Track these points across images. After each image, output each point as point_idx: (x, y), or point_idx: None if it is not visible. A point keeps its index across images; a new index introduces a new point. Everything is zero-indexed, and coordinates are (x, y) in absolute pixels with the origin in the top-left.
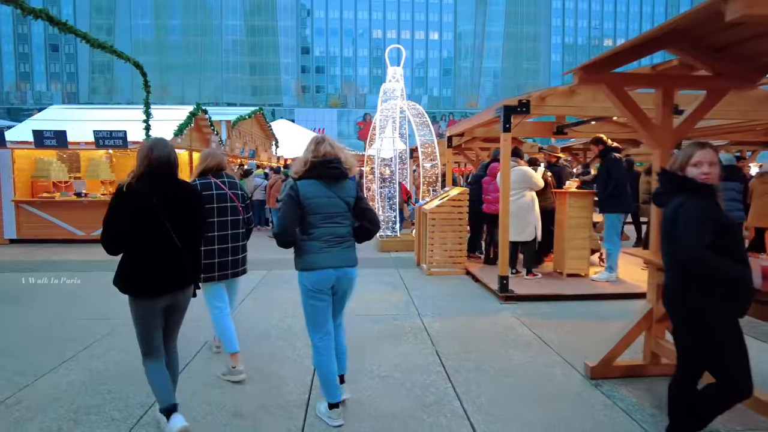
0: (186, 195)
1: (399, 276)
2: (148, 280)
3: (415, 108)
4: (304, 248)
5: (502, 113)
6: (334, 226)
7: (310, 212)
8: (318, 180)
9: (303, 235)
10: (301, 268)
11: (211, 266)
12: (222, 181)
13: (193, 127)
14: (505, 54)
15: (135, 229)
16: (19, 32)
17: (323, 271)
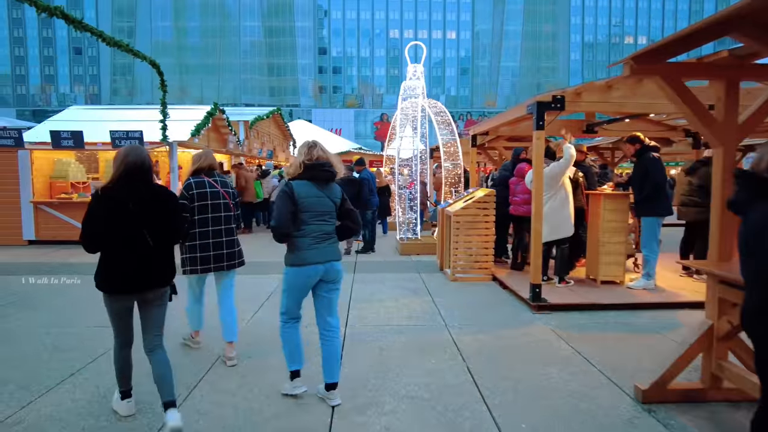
0: (162, 199)
1: (421, 281)
2: (122, 280)
3: (436, 106)
4: (296, 244)
5: (535, 110)
6: (323, 224)
7: (302, 210)
8: (310, 181)
9: (294, 231)
10: (291, 264)
11: (207, 259)
12: (214, 179)
13: (211, 127)
14: (523, 53)
15: (110, 232)
16: (44, 36)
17: (312, 267)
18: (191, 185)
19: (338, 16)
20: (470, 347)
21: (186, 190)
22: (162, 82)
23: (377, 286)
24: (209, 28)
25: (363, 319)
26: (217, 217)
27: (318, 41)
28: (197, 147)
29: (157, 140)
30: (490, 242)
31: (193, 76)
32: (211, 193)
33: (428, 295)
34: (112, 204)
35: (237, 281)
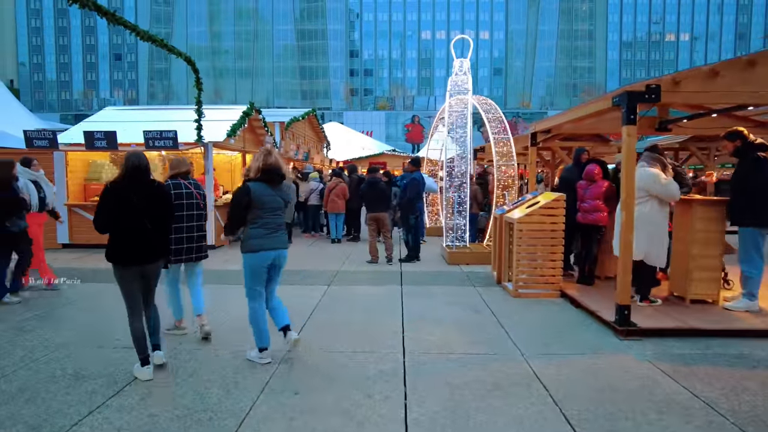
0: (158, 193)
1: (479, 296)
2: (130, 255)
3: (487, 103)
4: (252, 234)
5: (625, 101)
6: (275, 218)
7: (258, 206)
8: (265, 182)
9: (251, 224)
10: (248, 251)
11: (180, 251)
12: (189, 182)
13: (247, 128)
14: (558, 53)
15: (119, 218)
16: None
17: (265, 253)
18: (169, 186)
19: (370, 18)
20: (558, 384)
21: None
22: (197, 80)
23: (430, 302)
24: (243, 33)
25: (421, 343)
26: (190, 214)
27: (349, 44)
28: (233, 148)
29: (192, 141)
30: (558, 254)
31: (227, 79)
32: (186, 194)
33: (491, 314)
34: (119, 197)
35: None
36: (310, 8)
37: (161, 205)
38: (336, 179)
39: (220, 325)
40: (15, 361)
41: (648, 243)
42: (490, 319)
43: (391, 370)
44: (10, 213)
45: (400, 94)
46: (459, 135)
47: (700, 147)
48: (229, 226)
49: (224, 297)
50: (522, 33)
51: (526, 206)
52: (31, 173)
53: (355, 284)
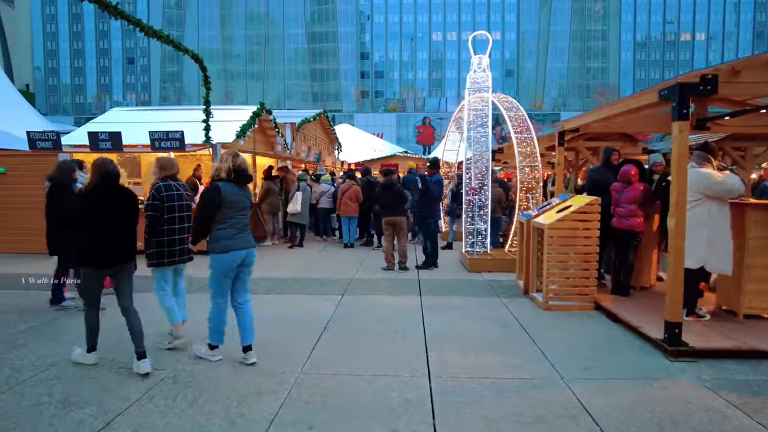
0: (126, 197)
1: (506, 309)
2: (102, 257)
3: (508, 101)
4: (221, 235)
5: (676, 95)
6: (242, 218)
7: (228, 206)
8: (233, 183)
9: (220, 224)
10: (218, 251)
11: (169, 253)
12: (178, 184)
13: (257, 128)
14: (571, 53)
15: (92, 222)
16: (101, 47)
17: (236, 252)
18: (161, 188)
19: (381, 20)
20: (610, 418)
21: (157, 192)
22: (205, 78)
23: (453, 316)
24: (254, 36)
25: (448, 365)
26: (182, 216)
27: (360, 46)
28: (243, 149)
29: (199, 142)
30: (592, 262)
31: (238, 82)
32: (177, 196)
33: (521, 330)
34: (94, 204)
35: (285, 301)
36: (320, 11)
37: (131, 209)
38: (349, 181)
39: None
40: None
41: (707, 249)
42: (521, 335)
43: (417, 399)
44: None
45: (411, 95)
46: (479, 134)
47: (735, 147)
48: (199, 226)
49: None
50: (534, 34)
51: (556, 210)
52: (82, 175)
53: (372, 293)
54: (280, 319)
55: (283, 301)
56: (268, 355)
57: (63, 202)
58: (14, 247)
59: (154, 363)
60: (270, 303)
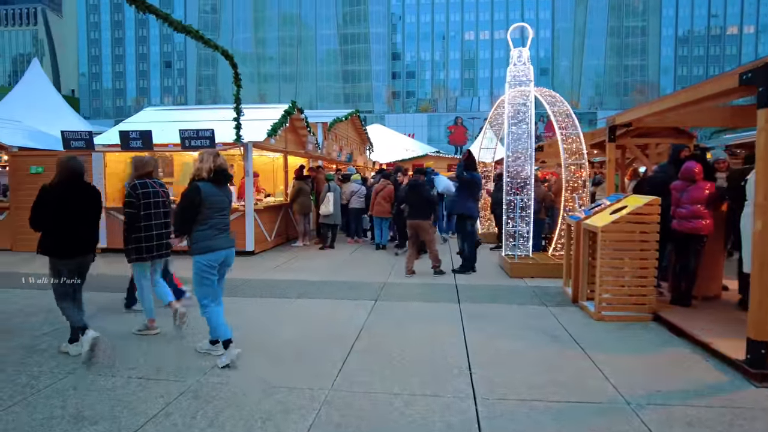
0: (91, 193)
1: (554, 319)
2: (64, 248)
3: (551, 95)
4: (202, 236)
5: (764, 78)
6: (223, 218)
7: (208, 206)
8: (213, 183)
9: (200, 225)
10: (200, 251)
11: (147, 249)
12: (153, 181)
13: (288, 127)
14: (608, 51)
15: (55, 216)
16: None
17: (218, 252)
18: (136, 186)
19: (412, 20)
20: None
21: (132, 190)
22: (236, 75)
23: (496, 326)
24: (287, 38)
25: (494, 384)
26: (158, 212)
27: (391, 47)
28: (274, 148)
29: (230, 141)
30: (650, 268)
31: (271, 84)
32: (152, 193)
33: (573, 343)
34: (57, 198)
35: (316, 306)
36: (352, 12)
37: (94, 204)
38: (384, 181)
39: (260, 347)
40: (14, 392)
41: None
42: (574, 349)
43: (462, 425)
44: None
45: (443, 95)
46: (521, 130)
47: None
48: (180, 225)
49: (273, 313)
50: (569, 31)
51: (609, 212)
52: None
53: (406, 300)
54: (309, 326)
55: (313, 307)
56: (297, 367)
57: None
58: None
59: (177, 373)
60: (300, 308)
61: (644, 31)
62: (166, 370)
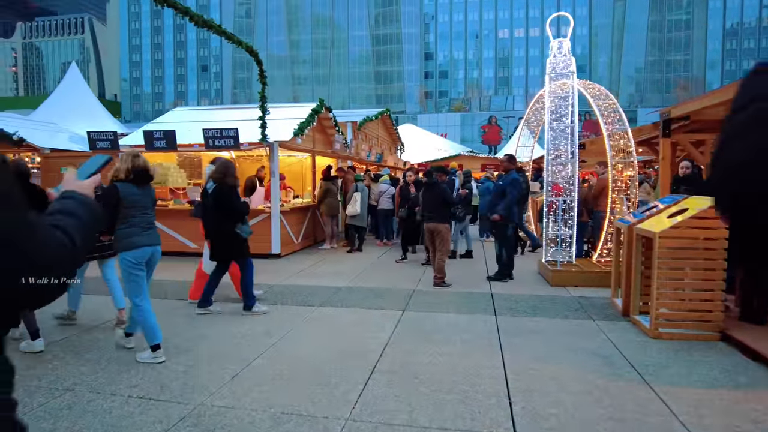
0: (35, 195)
1: (605, 337)
2: None
3: (595, 88)
4: (126, 234)
5: None
6: (145, 216)
7: (127, 206)
8: (132, 183)
9: (122, 223)
10: (124, 248)
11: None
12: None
13: (316, 127)
14: (649, 46)
15: None
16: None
17: (142, 249)
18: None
19: (445, 20)
20: None
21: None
22: (261, 72)
23: (539, 344)
24: (320, 40)
25: (540, 418)
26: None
27: (424, 47)
28: (301, 148)
29: (256, 140)
30: (717, 280)
31: (304, 86)
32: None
33: (630, 368)
34: None
35: (339, 316)
36: (384, 13)
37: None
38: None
39: (275, 362)
40: None
41: None
42: (630, 375)
43: None
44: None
45: (476, 94)
46: (563, 125)
47: None
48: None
49: (292, 323)
50: (607, 27)
51: (665, 215)
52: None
53: (436, 310)
54: (330, 339)
55: (336, 316)
56: (312, 390)
57: (230, 202)
58: None
59: (181, 394)
60: (321, 318)
61: (688, 25)
62: (170, 389)
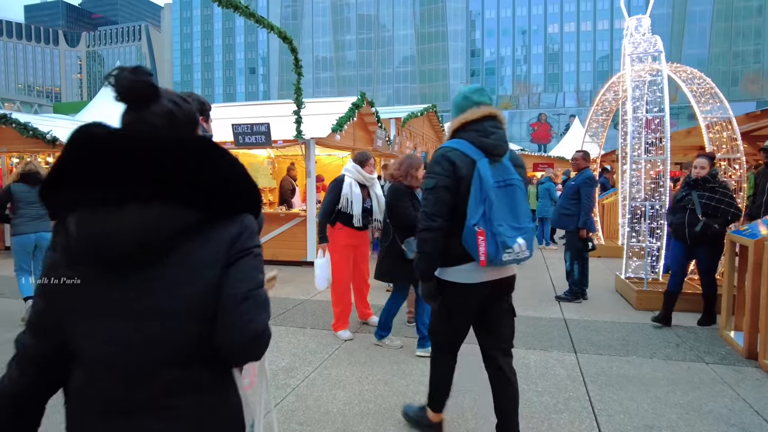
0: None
1: (733, 393)
2: None
3: (686, 70)
4: (15, 223)
5: None
6: (31, 210)
7: (16, 201)
8: (25, 183)
9: (16, 216)
10: (13, 234)
11: None
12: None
13: (357, 123)
14: (713, 37)
15: None
16: (227, 60)
17: (26, 236)
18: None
19: (492, 16)
20: None
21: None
22: (296, 60)
23: (646, 404)
24: (365, 41)
25: None
26: None
27: (470, 44)
28: (339, 146)
29: (290, 138)
30: None
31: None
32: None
33: None
34: None
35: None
36: (430, 11)
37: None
38: None
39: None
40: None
41: None
42: None
43: None
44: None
45: (525, 92)
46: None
47: None
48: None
49: (320, 357)
50: (666, 18)
51: None
52: (364, 176)
53: None
54: (365, 381)
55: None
56: None
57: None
58: None
59: None
60: (357, 349)
61: (761, 11)
62: None
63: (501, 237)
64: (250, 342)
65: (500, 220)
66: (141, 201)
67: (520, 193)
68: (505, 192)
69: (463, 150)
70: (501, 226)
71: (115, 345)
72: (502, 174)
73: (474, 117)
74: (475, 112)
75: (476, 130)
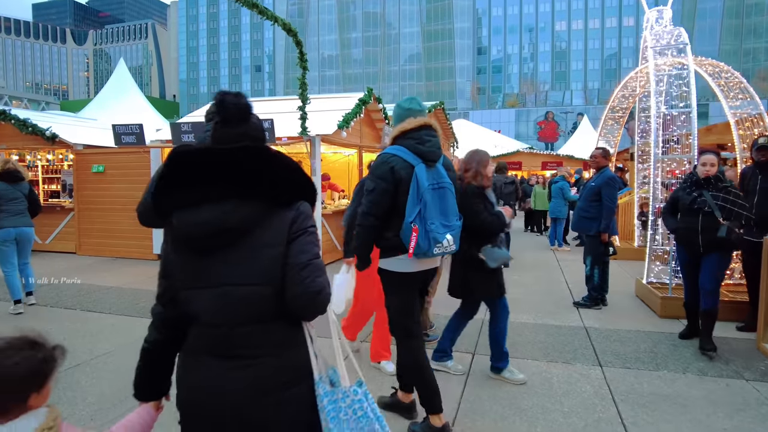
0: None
1: None
2: None
3: (712, 64)
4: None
5: None
6: (13, 206)
7: (1, 198)
8: (3, 181)
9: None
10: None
11: None
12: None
13: (364, 119)
14: (723, 34)
15: None
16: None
17: (7, 230)
18: None
19: (499, 14)
20: None
21: None
22: (300, 54)
23: (685, 428)
24: (371, 38)
25: None
26: None
27: (477, 41)
28: (346, 143)
29: (295, 134)
30: None
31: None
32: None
33: None
34: None
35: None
36: (436, 8)
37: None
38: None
39: None
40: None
41: None
42: None
43: None
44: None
45: (532, 90)
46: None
47: None
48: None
49: None
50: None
51: None
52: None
53: (517, 355)
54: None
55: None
56: None
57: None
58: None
59: None
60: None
61: None
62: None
63: (433, 233)
64: (312, 299)
65: (433, 219)
66: (228, 198)
67: (450, 194)
68: (438, 194)
69: (402, 156)
70: (434, 223)
71: (213, 307)
72: (436, 177)
73: (411, 126)
74: (412, 122)
75: (413, 138)
